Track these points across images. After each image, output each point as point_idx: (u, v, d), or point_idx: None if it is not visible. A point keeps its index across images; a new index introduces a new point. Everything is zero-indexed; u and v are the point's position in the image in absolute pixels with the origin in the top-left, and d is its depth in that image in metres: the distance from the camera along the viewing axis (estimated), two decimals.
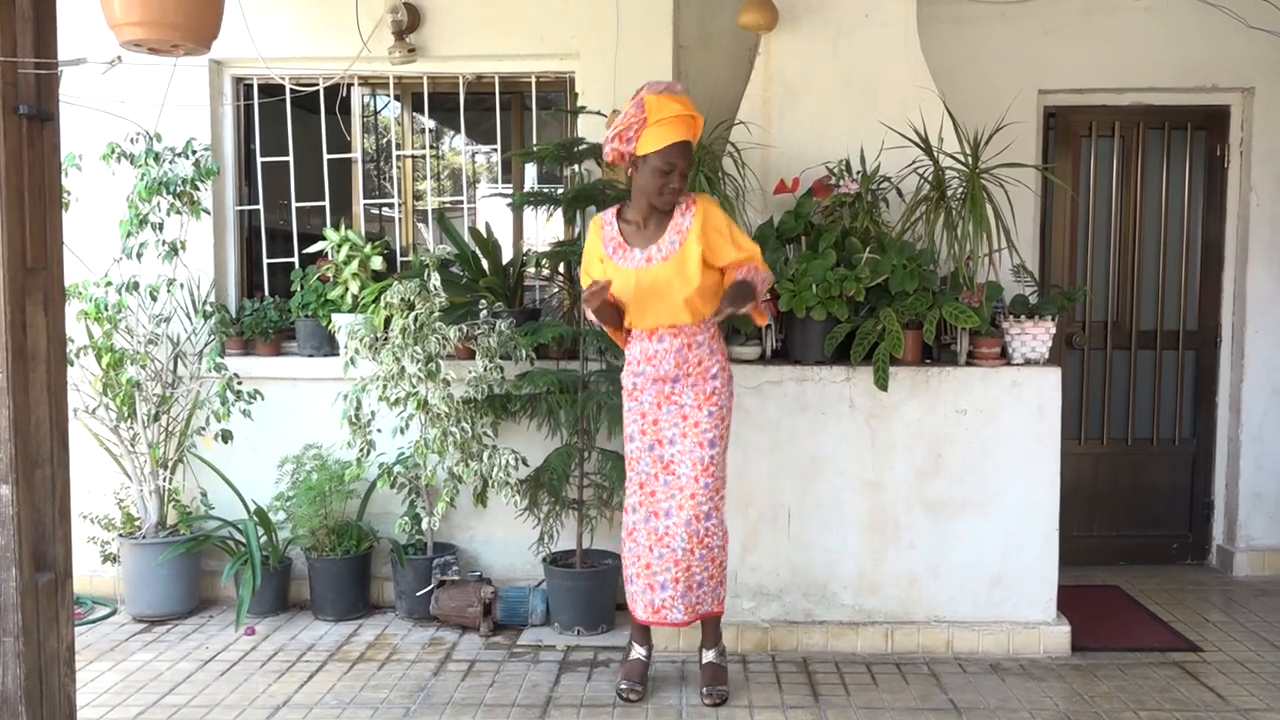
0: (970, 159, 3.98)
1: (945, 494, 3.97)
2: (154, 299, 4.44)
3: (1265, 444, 5.01)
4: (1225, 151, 5.06)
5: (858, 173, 4.21)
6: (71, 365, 4.30)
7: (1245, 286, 5.00)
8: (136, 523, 4.51)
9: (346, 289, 4.48)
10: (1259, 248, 4.97)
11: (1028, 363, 4.00)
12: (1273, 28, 4.78)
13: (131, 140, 4.45)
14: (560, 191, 4.36)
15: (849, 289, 3.88)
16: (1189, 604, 4.57)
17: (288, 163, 4.85)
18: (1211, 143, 5.09)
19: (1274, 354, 5.00)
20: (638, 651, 3.65)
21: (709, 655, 3.62)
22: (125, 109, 4.41)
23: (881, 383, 3.87)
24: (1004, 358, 4.02)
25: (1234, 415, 5.08)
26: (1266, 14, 4.77)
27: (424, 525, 4.33)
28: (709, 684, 3.55)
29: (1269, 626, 4.27)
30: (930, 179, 4.05)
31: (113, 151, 4.39)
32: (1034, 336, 3.98)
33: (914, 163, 4.13)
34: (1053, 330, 4.00)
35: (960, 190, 4.03)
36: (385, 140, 5.15)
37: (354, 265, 4.47)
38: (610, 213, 3.56)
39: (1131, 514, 5.20)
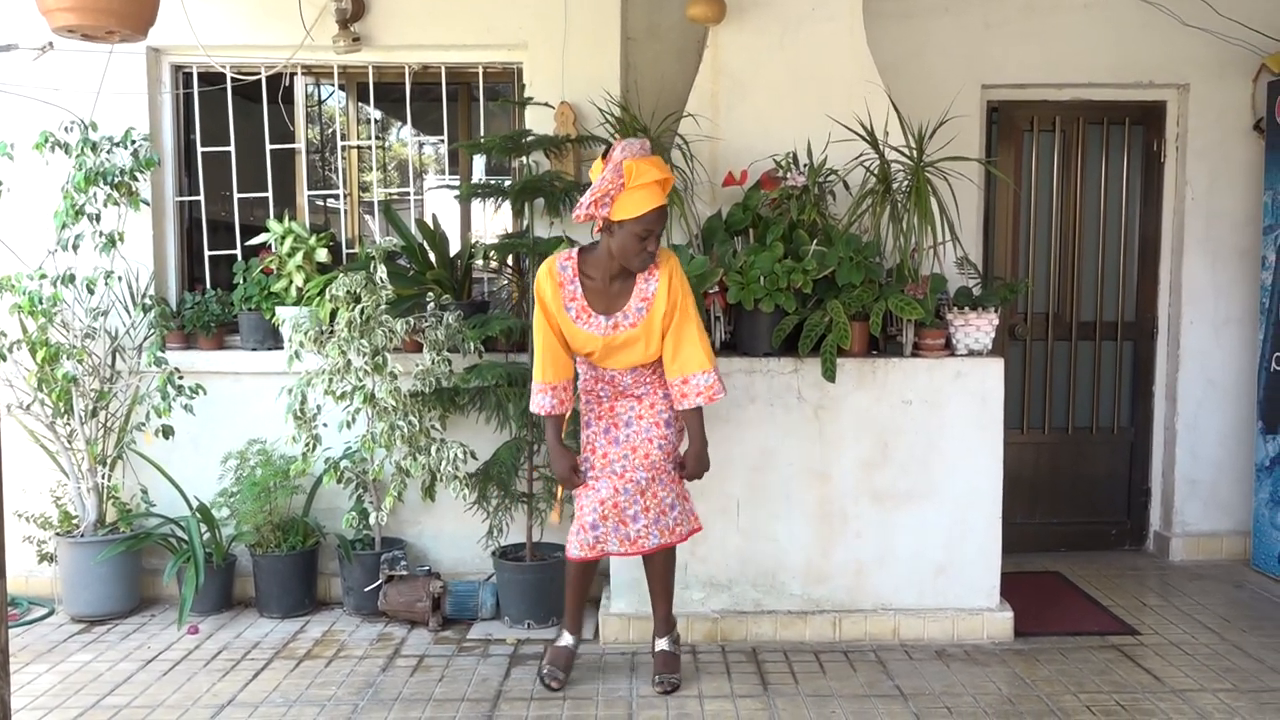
0: (915, 152, 4.03)
1: (891, 484, 4.02)
2: (91, 292, 4.33)
3: (1199, 433, 5.15)
4: (1161, 146, 5.17)
5: (805, 166, 4.24)
6: (4, 360, 4.22)
7: (1181, 279, 5.13)
8: (74, 521, 4.40)
9: (291, 282, 4.41)
10: (1194, 241, 5.10)
11: (971, 354, 4.06)
12: (1208, 26, 4.90)
13: (66, 129, 4.33)
14: (508, 183, 4.33)
15: (796, 281, 3.91)
16: (1127, 588, 4.68)
17: (229, 153, 4.76)
18: (1148, 138, 5.21)
19: (1208, 345, 5.13)
20: (566, 639, 3.67)
21: (662, 643, 3.64)
22: (59, 97, 4.30)
23: (829, 374, 3.90)
24: (948, 349, 4.08)
25: (1170, 405, 5.21)
26: (1202, 13, 4.88)
27: (371, 520, 4.29)
28: (661, 671, 3.57)
29: (1203, 609, 4.39)
30: (876, 172, 4.09)
31: (46, 140, 4.27)
32: (977, 328, 4.04)
33: (860, 156, 4.17)
34: (995, 322, 4.07)
35: (905, 183, 4.08)
36: (330, 130, 5.08)
37: (298, 257, 4.41)
38: (570, 266, 3.42)
39: (1072, 501, 5.31)
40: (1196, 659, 3.84)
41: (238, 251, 4.74)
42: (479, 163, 5.12)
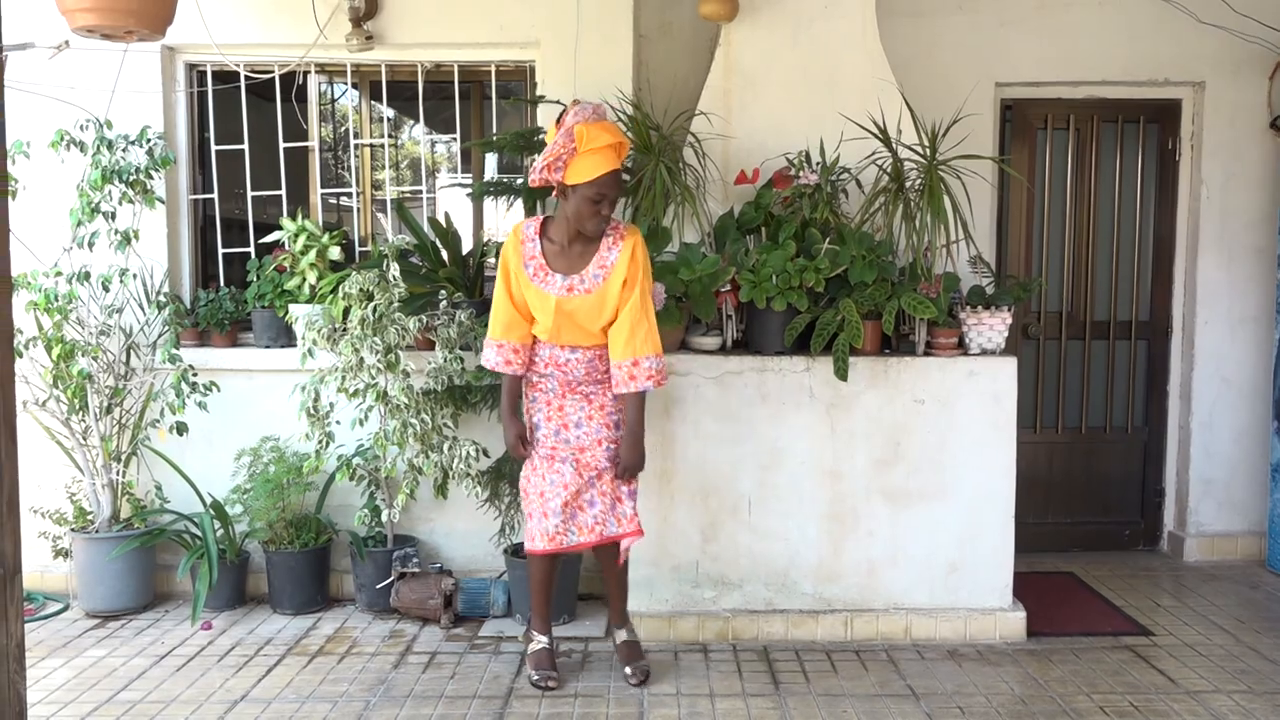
0: (928, 150, 4.01)
1: (903, 483, 4.01)
2: (106, 289, 4.36)
3: (1214, 432, 5.12)
4: (1176, 145, 5.15)
5: (817, 164, 4.23)
6: (20, 357, 4.23)
7: (1196, 278, 5.10)
8: (89, 517, 4.43)
9: (304, 279, 4.43)
10: (1209, 240, 5.07)
11: (984, 353, 4.04)
12: (1223, 23, 4.87)
13: (81, 127, 4.35)
14: (520, 181, 4.34)
15: (809, 280, 3.90)
16: (1141, 589, 4.66)
17: (243, 151, 4.77)
18: (1163, 136, 5.18)
19: (1223, 344, 5.10)
20: (539, 641, 3.65)
21: (622, 634, 3.70)
22: (75, 95, 4.32)
23: (841, 373, 3.90)
24: (961, 348, 4.07)
25: (1184, 404, 5.18)
26: (1217, 10, 4.85)
27: (384, 517, 4.30)
28: (631, 661, 3.61)
29: (1218, 610, 4.37)
30: (889, 170, 4.08)
31: (62, 139, 4.29)
32: (990, 327, 4.03)
33: (873, 154, 4.16)
34: (1009, 321, 4.05)
35: (918, 182, 4.06)
36: (343, 129, 5.09)
37: (311, 255, 4.42)
38: (533, 226, 3.51)
39: (1085, 501, 5.29)
40: (1211, 660, 3.82)
41: (251, 249, 4.76)
42: (491, 161, 5.12)
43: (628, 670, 3.59)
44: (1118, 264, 5.23)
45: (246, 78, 4.63)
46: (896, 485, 4.01)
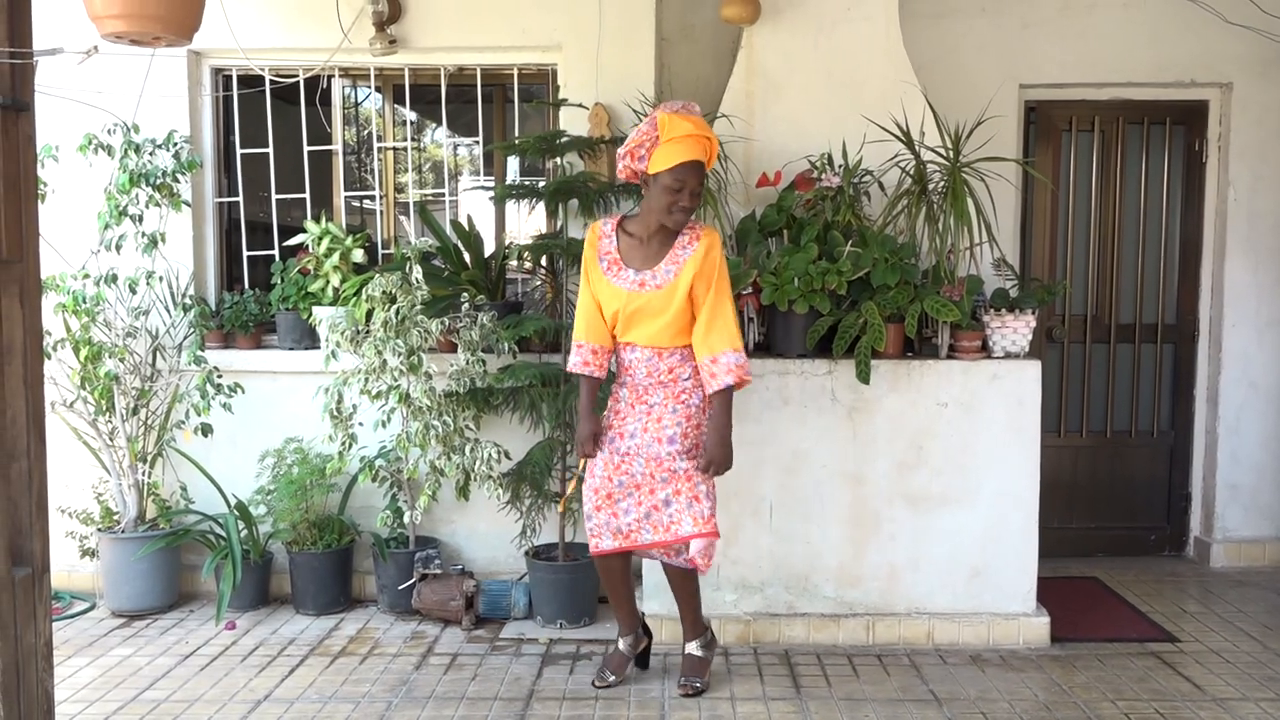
0: (951, 153, 3.99)
1: (926, 486, 3.99)
2: (133, 292, 4.40)
3: (1242, 437, 5.06)
4: (1203, 146, 5.10)
5: (840, 166, 4.22)
6: (48, 358, 4.28)
7: (1223, 280, 5.05)
8: (115, 517, 4.47)
9: (327, 282, 4.46)
10: (1236, 242, 5.02)
11: (1008, 356, 4.02)
12: (1251, 24, 4.82)
13: (109, 131, 4.40)
14: (542, 184, 4.35)
15: (831, 282, 3.89)
16: (1167, 595, 4.62)
17: (267, 154, 4.81)
18: (1190, 138, 5.13)
19: (1250, 348, 5.05)
20: (619, 643, 3.65)
21: (690, 647, 3.62)
22: (102, 100, 4.36)
23: (863, 376, 3.88)
24: (984, 351, 4.04)
25: (1211, 408, 5.13)
26: (1245, 10, 4.80)
27: (406, 519, 4.32)
28: (685, 674, 3.57)
29: (1245, 617, 4.32)
30: (912, 173, 4.07)
31: (90, 143, 4.34)
32: (1014, 330, 4.00)
33: (896, 156, 4.14)
34: (1033, 324, 4.02)
35: (941, 184, 4.05)
36: (366, 132, 5.12)
37: (335, 258, 4.45)
38: (611, 223, 3.50)
39: (1110, 506, 5.24)
40: (1238, 667, 3.77)
41: (275, 252, 4.80)
42: (513, 164, 5.14)
43: (680, 680, 3.55)
44: (1143, 267, 5.19)
45: (271, 82, 4.67)
46: (919, 489, 3.99)
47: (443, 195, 5.00)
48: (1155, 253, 5.19)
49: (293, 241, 4.61)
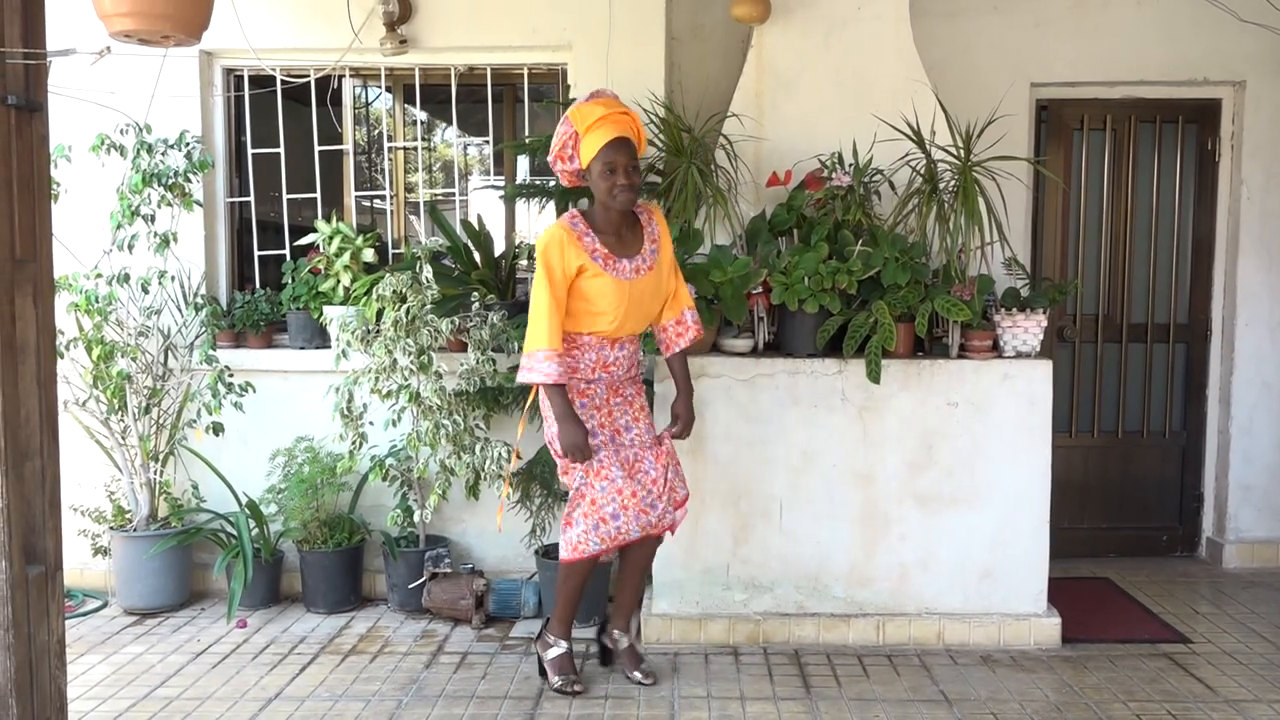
0: (962, 152, 3.98)
1: (936, 486, 3.98)
2: (145, 291, 4.42)
3: (1254, 437, 5.04)
4: (1216, 145, 5.07)
5: (850, 165, 4.21)
6: (61, 357, 4.30)
7: (1236, 280, 5.02)
8: (127, 515, 4.49)
9: (338, 281, 4.47)
10: (1249, 241, 4.99)
11: (1019, 355, 4.00)
12: (1265, 21, 4.79)
13: (121, 131, 4.42)
14: (553, 183, 4.35)
15: (841, 282, 3.88)
16: (1179, 596, 4.60)
17: (279, 154, 4.83)
18: (1203, 136, 5.10)
19: (1264, 347, 5.02)
20: (560, 645, 3.61)
21: (625, 640, 3.69)
22: (115, 100, 4.38)
23: (874, 375, 3.87)
24: (995, 350, 4.03)
25: (1224, 408, 5.10)
26: (1259, 7, 4.77)
27: (416, 518, 4.33)
28: (637, 665, 3.63)
29: (1257, 618, 4.30)
30: (922, 172, 4.06)
31: (102, 143, 4.36)
32: (1025, 329, 3.99)
33: (906, 155, 4.13)
34: (1044, 323, 4.01)
35: (952, 183, 4.03)
36: (376, 132, 5.13)
37: (345, 257, 4.46)
38: (578, 221, 3.41)
39: (1122, 506, 5.22)
40: (1251, 669, 3.75)
41: (286, 252, 4.81)
42: (523, 163, 5.13)
43: (638, 674, 3.59)
44: (1155, 266, 5.17)
45: (282, 82, 4.68)
46: (929, 489, 3.98)
47: (453, 195, 5.01)
48: (1167, 252, 5.17)
49: (304, 241, 4.63)
